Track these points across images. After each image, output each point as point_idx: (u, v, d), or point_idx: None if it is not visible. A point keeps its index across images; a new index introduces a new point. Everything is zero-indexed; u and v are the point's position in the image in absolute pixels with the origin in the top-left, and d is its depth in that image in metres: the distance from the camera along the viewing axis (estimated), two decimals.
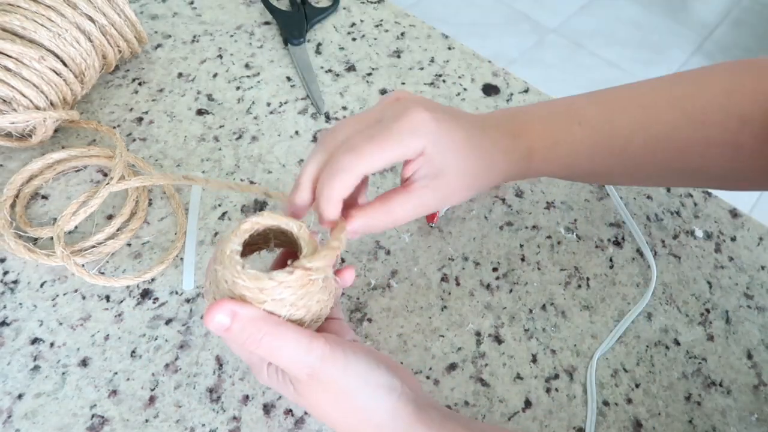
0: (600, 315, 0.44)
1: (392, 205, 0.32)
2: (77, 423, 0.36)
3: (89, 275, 0.41)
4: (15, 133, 0.47)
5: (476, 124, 0.35)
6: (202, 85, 0.55)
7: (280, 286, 0.28)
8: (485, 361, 0.41)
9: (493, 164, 0.36)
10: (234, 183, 0.35)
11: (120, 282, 0.41)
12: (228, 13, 0.63)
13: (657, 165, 0.38)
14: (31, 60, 0.44)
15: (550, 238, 0.48)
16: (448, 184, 0.33)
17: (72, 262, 0.41)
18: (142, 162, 0.48)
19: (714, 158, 0.36)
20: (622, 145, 0.37)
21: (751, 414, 0.40)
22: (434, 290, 0.44)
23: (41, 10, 0.44)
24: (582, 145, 0.37)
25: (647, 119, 0.36)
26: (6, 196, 0.44)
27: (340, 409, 0.30)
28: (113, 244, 0.43)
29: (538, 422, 0.39)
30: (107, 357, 0.39)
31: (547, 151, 0.38)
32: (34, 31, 0.44)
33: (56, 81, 0.46)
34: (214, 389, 0.38)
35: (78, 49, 0.47)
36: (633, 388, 0.41)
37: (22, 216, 0.44)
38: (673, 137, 0.36)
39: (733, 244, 0.49)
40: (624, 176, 0.41)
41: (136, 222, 0.45)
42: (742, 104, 0.35)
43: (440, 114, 0.33)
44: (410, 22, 0.64)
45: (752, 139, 0.35)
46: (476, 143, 0.34)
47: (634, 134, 0.36)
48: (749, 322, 0.45)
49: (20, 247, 0.42)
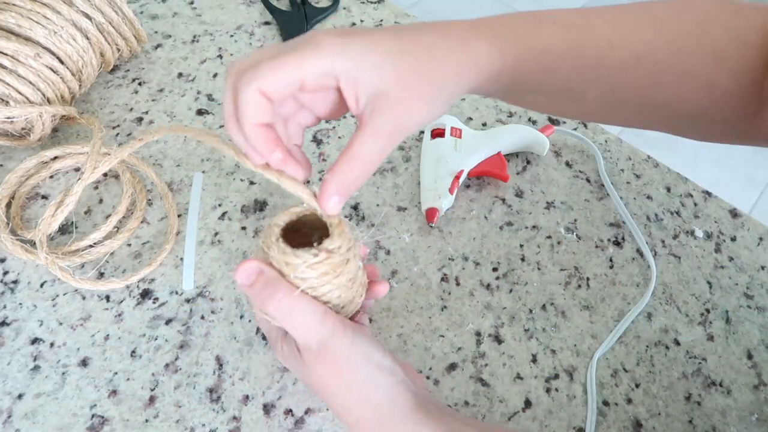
0: (600, 315, 0.44)
1: (353, 149, 0.30)
2: (77, 423, 0.36)
3: (75, 279, 0.41)
4: (13, 131, 0.47)
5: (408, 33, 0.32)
6: (202, 85, 0.55)
7: (304, 264, 0.30)
8: (485, 361, 0.41)
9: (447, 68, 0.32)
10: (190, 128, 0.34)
11: (108, 285, 0.41)
12: (228, 13, 0.63)
13: (632, 89, 0.36)
14: (27, 57, 0.44)
15: (550, 238, 0.48)
16: (397, 101, 0.30)
17: (56, 267, 0.40)
18: (141, 161, 0.48)
19: (689, 92, 0.35)
20: (597, 57, 0.35)
21: (751, 414, 0.40)
22: (434, 290, 0.44)
23: (36, 8, 0.44)
24: (556, 43, 0.34)
25: (625, 32, 0.35)
26: (1, 196, 0.44)
27: (342, 384, 0.31)
28: (111, 244, 0.43)
29: (538, 422, 0.39)
30: (107, 357, 0.39)
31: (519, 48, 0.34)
32: (30, 29, 0.44)
33: (53, 78, 0.46)
34: (214, 389, 0.38)
35: (74, 47, 0.46)
36: (633, 388, 0.41)
37: (16, 217, 0.44)
38: (650, 57, 0.35)
39: (733, 244, 0.49)
40: (598, 102, 0.38)
41: (135, 221, 0.45)
42: (716, 38, 0.34)
43: (352, 34, 0.30)
44: (410, 22, 0.64)
45: (728, 78, 0.34)
46: (410, 48, 0.31)
47: (611, 47, 0.35)
48: (749, 322, 0.45)
49: (17, 247, 0.42)
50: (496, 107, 0.57)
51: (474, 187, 0.50)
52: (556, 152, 0.53)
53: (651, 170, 0.53)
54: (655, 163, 0.54)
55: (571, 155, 0.53)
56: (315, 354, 0.31)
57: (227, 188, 0.48)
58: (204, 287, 0.42)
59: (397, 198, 0.49)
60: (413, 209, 0.48)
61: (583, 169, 0.52)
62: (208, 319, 0.41)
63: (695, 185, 0.53)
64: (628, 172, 0.53)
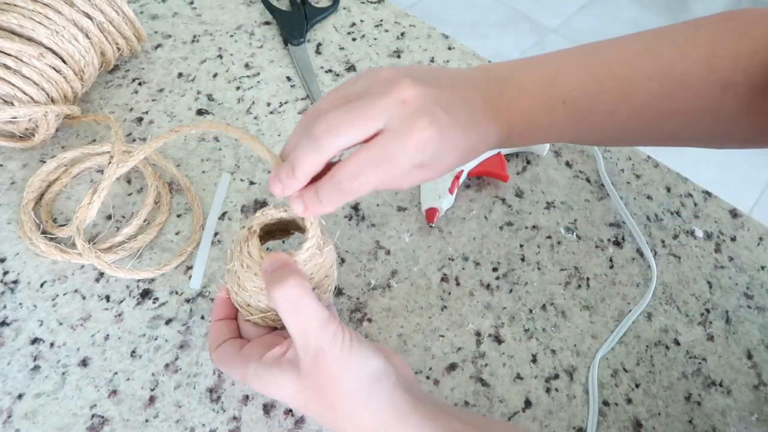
0: (600, 315, 0.44)
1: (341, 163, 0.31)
2: (77, 423, 0.36)
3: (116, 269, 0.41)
4: (17, 132, 0.47)
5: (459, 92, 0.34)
6: (202, 85, 0.55)
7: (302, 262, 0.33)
8: (485, 361, 0.41)
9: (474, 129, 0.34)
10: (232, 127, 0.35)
11: (141, 275, 0.42)
12: (228, 13, 0.63)
13: (638, 133, 0.38)
14: (30, 57, 0.44)
15: (550, 238, 0.48)
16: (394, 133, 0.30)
17: (94, 257, 0.40)
18: (161, 156, 0.48)
19: (695, 123, 0.36)
20: (603, 120, 0.36)
21: (751, 414, 0.40)
22: (434, 290, 0.44)
23: (38, 8, 0.44)
24: (564, 122, 0.36)
25: (629, 90, 0.35)
26: (27, 200, 0.44)
27: (341, 390, 0.31)
28: (143, 238, 0.44)
29: (538, 422, 0.39)
30: (107, 357, 0.39)
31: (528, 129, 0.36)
32: (32, 29, 0.44)
33: (56, 78, 0.46)
34: (214, 389, 0.38)
35: (76, 47, 0.47)
36: (633, 388, 0.41)
37: (47, 219, 0.44)
38: (655, 106, 0.35)
39: (733, 244, 0.49)
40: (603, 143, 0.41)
41: (163, 215, 0.45)
42: (723, 69, 0.34)
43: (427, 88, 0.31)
44: (410, 22, 0.64)
45: (735, 102, 0.34)
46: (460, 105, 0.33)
47: (616, 108, 0.36)
48: (749, 322, 0.45)
49: (51, 248, 0.42)
50: None
51: (474, 187, 0.50)
52: (556, 152, 0.53)
53: (651, 170, 0.53)
54: (655, 163, 0.54)
55: (571, 155, 0.53)
56: (312, 360, 0.30)
57: (227, 188, 0.48)
58: (204, 287, 0.42)
59: (397, 198, 0.49)
60: (413, 209, 0.48)
61: (583, 169, 0.52)
62: (208, 319, 0.41)
63: (695, 185, 0.53)
64: (628, 172, 0.53)
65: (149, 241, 0.44)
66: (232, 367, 0.33)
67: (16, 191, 0.46)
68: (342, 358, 0.30)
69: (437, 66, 0.55)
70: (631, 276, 0.46)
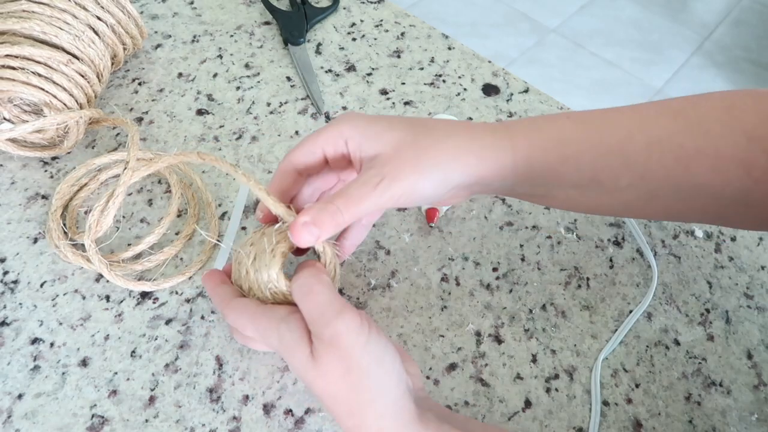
0: (600, 315, 0.44)
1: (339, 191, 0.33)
2: (77, 423, 0.36)
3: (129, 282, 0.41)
4: (44, 141, 0.46)
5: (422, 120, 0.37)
6: (202, 85, 0.56)
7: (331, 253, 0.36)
8: (485, 361, 0.41)
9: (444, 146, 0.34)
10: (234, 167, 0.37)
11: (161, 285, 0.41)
12: (228, 13, 0.63)
13: (661, 174, 0.35)
14: (59, 64, 0.43)
15: (550, 238, 0.48)
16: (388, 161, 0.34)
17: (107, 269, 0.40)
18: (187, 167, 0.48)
19: (725, 173, 0.34)
20: (619, 143, 0.35)
21: (751, 414, 0.40)
22: (434, 290, 0.44)
23: (56, 14, 0.44)
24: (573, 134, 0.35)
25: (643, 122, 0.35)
26: (55, 207, 0.44)
27: (348, 383, 0.30)
28: (169, 250, 0.43)
29: (538, 422, 0.39)
30: (107, 357, 0.39)
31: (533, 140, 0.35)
32: (55, 36, 0.43)
33: (83, 83, 0.45)
34: (214, 389, 0.38)
35: (95, 50, 0.46)
36: (633, 388, 0.41)
37: (72, 227, 0.44)
38: (675, 142, 0.34)
39: (733, 244, 0.49)
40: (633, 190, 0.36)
41: (189, 227, 0.44)
42: (745, 120, 0.33)
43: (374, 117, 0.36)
44: (410, 22, 0.64)
45: (765, 159, 0.33)
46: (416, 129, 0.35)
47: (630, 135, 0.35)
48: (749, 322, 0.45)
49: (78, 257, 0.41)
50: (496, 107, 0.57)
51: None
52: None
53: None
54: None
55: None
56: (325, 347, 0.30)
57: (227, 188, 0.48)
58: (204, 287, 0.42)
59: None
60: (413, 209, 0.48)
61: None
62: (208, 319, 0.41)
63: None
64: None
65: (175, 254, 0.43)
66: (255, 321, 0.33)
67: (16, 191, 0.46)
68: (355, 350, 0.30)
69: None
70: (631, 276, 0.46)
